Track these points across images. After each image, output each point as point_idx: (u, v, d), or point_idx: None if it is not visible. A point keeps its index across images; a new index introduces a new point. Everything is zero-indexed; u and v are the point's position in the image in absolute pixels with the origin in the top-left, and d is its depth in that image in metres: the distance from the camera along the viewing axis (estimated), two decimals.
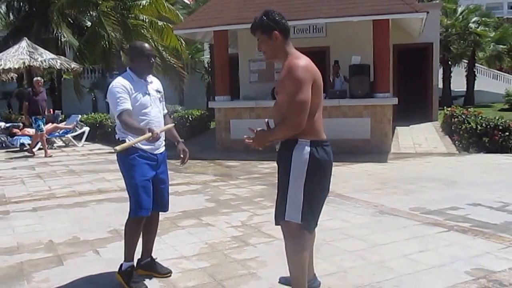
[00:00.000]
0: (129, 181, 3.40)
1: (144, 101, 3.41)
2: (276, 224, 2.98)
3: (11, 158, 11.25)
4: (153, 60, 3.50)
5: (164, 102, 3.69)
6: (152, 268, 3.65)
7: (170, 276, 3.59)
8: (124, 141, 3.35)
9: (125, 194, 6.50)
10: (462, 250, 4.02)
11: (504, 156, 9.20)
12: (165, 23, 18.71)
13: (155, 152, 3.46)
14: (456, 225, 4.77)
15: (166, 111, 3.73)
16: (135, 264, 3.58)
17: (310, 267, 3.26)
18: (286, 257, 2.94)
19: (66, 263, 4.01)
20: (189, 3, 23.99)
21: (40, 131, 11.16)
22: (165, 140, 3.61)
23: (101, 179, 7.98)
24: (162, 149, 3.56)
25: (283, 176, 2.85)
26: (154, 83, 3.59)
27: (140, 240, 3.63)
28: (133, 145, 3.28)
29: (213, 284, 3.46)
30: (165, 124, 3.58)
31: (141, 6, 18.43)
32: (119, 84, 3.36)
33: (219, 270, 3.72)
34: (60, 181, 7.97)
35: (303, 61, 2.79)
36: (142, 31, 18.57)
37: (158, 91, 3.58)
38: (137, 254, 3.61)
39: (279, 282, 3.41)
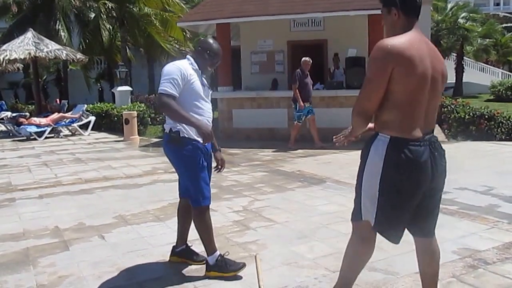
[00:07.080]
0: (189, 173, 3.27)
1: (200, 90, 3.24)
2: (352, 220, 2.64)
3: (18, 147, 11.38)
4: (218, 64, 3.44)
5: None
6: (187, 255, 3.60)
7: (204, 264, 3.46)
8: (177, 133, 3.20)
9: (131, 181, 6.75)
10: (450, 231, 4.15)
11: (489, 144, 9.51)
12: (170, 14, 18.78)
13: (205, 144, 3.32)
14: (444, 207, 4.82)
15: None
16: (171, 251, 3.54)
17: None
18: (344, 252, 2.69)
19: (72, 248, 4.04)
20: None
21: (299, 121, 9.54)
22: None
23: (107, 167, 8.07)
24: None
25: (359, 172, 2.50)
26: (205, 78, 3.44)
27: (175, 227, 3.64)
28: (187, 136, 3.20)
29: None
30: None
31: None
32: (180, 66, 3.17)
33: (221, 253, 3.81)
34: (66, 169, 8.04)
35: (389, 41, 2.32)
36: (149, 20, 18.64)
37: (208, 87, 3.40)
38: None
39: None
